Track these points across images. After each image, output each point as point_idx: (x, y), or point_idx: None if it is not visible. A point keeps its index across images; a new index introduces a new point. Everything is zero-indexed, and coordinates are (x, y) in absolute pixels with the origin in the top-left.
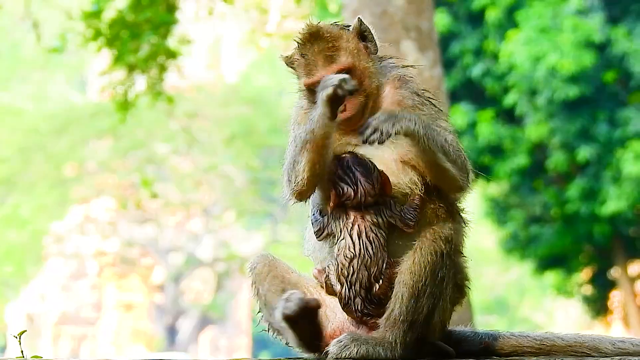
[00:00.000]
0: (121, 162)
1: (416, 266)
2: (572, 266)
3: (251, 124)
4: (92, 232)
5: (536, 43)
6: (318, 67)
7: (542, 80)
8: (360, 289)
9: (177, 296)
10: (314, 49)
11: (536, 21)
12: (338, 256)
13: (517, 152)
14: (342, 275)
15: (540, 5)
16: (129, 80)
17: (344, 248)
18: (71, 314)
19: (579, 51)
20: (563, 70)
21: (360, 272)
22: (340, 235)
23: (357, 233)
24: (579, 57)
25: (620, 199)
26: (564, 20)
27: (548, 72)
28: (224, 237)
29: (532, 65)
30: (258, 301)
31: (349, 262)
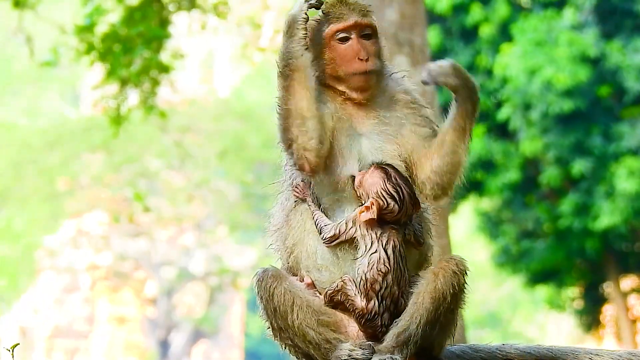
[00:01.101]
0: (114, 176)
1: (438, 293)
2: (564, 280)
3: (244, 138)
4: (84, 245)
5: (532, 56)
6: (354, 13)
7: (537, 93)
8: (390, 303)
9: (170, 310)
10: (349, 4)
11: (532, 34)
12: (369, 270)
13: (509, 167)
14: (372, 290)
15: (536, 18)
16: (122, 94)
17: (376, 262)
18: (64, 327)
19: (574, 65)
20: (558, 84)
21: (392, 287)
22: (371, 248)
23: (392, 248)
24: (574, 71)
25: (613, 214)
26: (560, 35)
27: (543, 85)
28: (216, 251)
29: (527, 78)
30: (280, 321)
31: (382, 277)
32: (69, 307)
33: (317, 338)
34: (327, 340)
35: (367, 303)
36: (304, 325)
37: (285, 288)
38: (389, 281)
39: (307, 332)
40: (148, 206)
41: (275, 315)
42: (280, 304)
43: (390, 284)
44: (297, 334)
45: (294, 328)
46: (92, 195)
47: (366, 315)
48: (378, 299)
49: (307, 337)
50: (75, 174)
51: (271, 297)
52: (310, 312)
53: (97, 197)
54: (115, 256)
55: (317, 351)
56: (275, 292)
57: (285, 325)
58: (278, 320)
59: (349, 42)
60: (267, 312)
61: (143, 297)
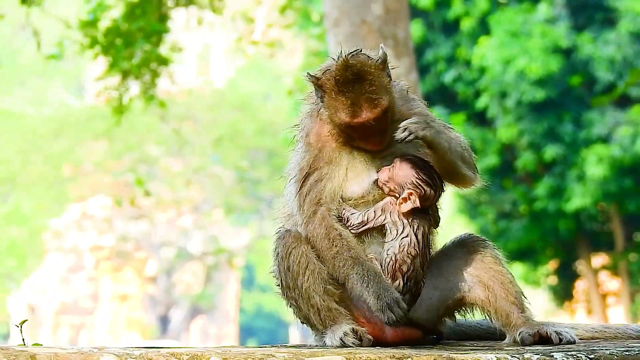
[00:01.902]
0: (116, 163)
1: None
2: (539, 259)
3: (238, 126)
4: (88, 228)
5: (507, 47)
6: (363, 109)
7: (512, 82)
8: (413, 285)
9: (169, 288)
10: (357, 89)
11: (507, 26)
12: (400, 252)
13: (488, 152)
14: (399, 270)
15: (512, 11)
16: (123, 85)
17: (407, 245)
18: (69, 305)
19: (546, 56)
20: (531, 74)
21: (418, 270)
22: (403, 232)
23: (422, 233)
24: (546, 62)
25: (584, 196)
26: (534, 27)
27: (517, 75)
28: (212, 233)
29: (503, 68)
30: (290, 280)
31: (411, 260)
32: (74, 286)
33: (320, 304)
34: (329, 308)
35: (393, 282)
36: (311, 289)
37: (303, 251)
38: (416, 264)
39: (312, 296)
40: (148, 191)
41: (287, 274)
42: (295, 263)
43: (417, 267)
44: (302, 295)
45: (301, 289)
46: (95, 181)
47: None
48: (403, 280)
49: (311, 301)
50: (79, 161)
51: (287, 256)
52: (320, 279)
53: (100, 182)
54: (117, 237)
55: (316, 316)
56: (293, 252)
57: (294, 284)
58: (288, 279)
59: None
60: (279, 269)
61: (144, 276)
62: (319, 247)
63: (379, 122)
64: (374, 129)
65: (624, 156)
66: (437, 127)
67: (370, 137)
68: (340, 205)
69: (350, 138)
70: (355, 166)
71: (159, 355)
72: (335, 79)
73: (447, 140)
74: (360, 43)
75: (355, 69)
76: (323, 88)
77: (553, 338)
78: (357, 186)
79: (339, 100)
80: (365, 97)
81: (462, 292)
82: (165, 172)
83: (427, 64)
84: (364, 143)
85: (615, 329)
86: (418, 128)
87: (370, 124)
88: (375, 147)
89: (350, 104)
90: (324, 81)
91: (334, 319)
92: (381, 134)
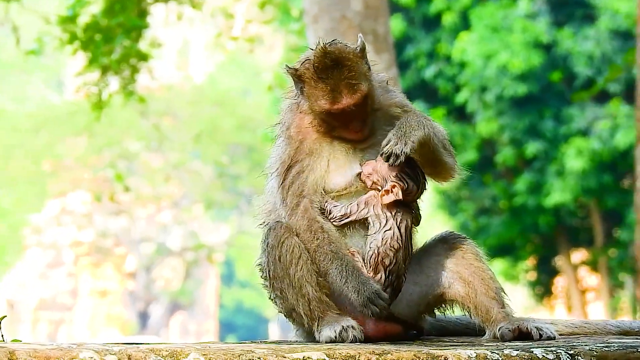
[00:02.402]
0: (96, 158)
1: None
2: (518, 254)
3: (218, 122)
4: (68, 223)
5: (488, 42)
6: (343, 94)
7: (493, 77)
8: (395, 279)
9: (149, 283)
10: (336, 75)
11: (488, 20)
12: (383, 245)
13: (467, 147)
14: (381, 264)
15: (492, 6)
16: (103, 81)
17: (389, 239)
18: (49, 300)
19: (528, 51)
20: (513, 69)
21: (400, 263)
22: (386, 225)
23: (404, 226)
24: (528, 57)
25: (563, 191)
26: (514, 22)
27: (499, 69)
28: (192, 228)
29: (484, 62)
30: (279, 270)
31: (394, 253)
32: (53, 281)
33: (312, 294)
34: (320, 299)
35: (375, 275)
36: (304, 279)
37: (295, 241)
38: (398, 258)
39: (304, 286)
40: (128, 186)
41: (277, 264)
42: (288, 253)
43: (399, 260)
44: (293, 285)
45: (292, 279)
46: (75, 176)
47: None
48: (385, 273)
49: (302, 291)
50: (59, 156)
51: (279, 246)
52: (314, 270)
53: (80, 178)
54: (97, 233)
55: (306, 307)
56: (285, 242)
57: (284, 274)
58: (277, 269)
59: (341, 116)
60: (268, 259)
61: (123, 272)
62: (301, 239)
63: (359, 109)
64: (355, 116)
65: (603, 149)
66: (415, 125)
67: (351, 125)
68: (322, 197)
69: (331, 127)
70: (336, 157)
71: (139, 351)
72: (314, 67)
73: (430, 126)
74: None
75: (334, 55)
76: (302, 78)
77: (533, 334)
78: (339, 178)
79: (319, 88)
80: (344, 82)
81: (443, 288)
82: (145, 167)
83: (407, 59)
84: (345, 132)
85: (594, 325)
86: (401, 147)
87: (350, 110)
88: (356, 136)
89: (330, 90)
90: (302, 71)
91: (324, 311)
92: (362, 122)
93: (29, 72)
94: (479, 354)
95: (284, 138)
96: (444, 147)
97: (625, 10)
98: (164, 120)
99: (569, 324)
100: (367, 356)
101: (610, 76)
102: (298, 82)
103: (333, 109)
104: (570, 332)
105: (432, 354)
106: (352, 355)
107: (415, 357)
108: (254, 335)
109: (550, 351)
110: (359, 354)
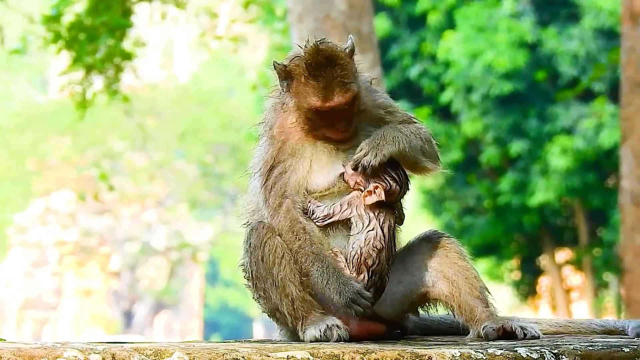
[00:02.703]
0: (80, 157)
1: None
2: (503, 253)
3: (202, 121)
4: (52, 222)
5: (473, 41)
6: (335, 93)
7: (479, 76)
8: (378, 279)
9: (133, 283)
10: (329, 73)
11: (473, 20)
12: (365, 246)
13: (452, 147)
14: (364, 264)
15: (477, 6)
16: (87, 80)
17: (372, 239)
18: (33, 300)
19: (513, 50)
20: (499, 68)
21: (383, 264)
22: (369, 225)
23: (387, 226)
24: (513, 56)
25: (548, 191)
26: (499, 22)
27: (484, 69)
28: (176, 228)
29: (469, 62)
30: (262, 270)
31: (377, 253)
32: (38, 281)
33: (295, 294)
34: (304, 299)
35: (358, 275)
36: (287, 278)
37: (278, 241)
38: (381, 258)
39: (287, 285)
40: (112, 185)
41: (260, 264)
42: (270, 253)
43: (382, 261)
44: (276, 285)
45: (276, 279)
46: (59, 175)
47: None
48: (368, 274)
49: (286, 290)
50: (43, 155)
51: (262, 246)
52: (297, 270)
53: (65, 177)
54: (81, 232)
55: (289, 306)
56: (267, 242)
57: (267, 274)
58: (260, 269)
59: (329, 114)
60: (251, 260)
61: (108, 271)
62: (283, 239)
63: (348, 109)
64: (342, 115)
65: (587, 148)
66: (390, 139)
67: (337, 124)
68: (305, 197)
69: (317, 126)
70: (319, 158)
71: (123, 350)
72: (306, 63)
73: (405, 141)
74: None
75: (327, 53)
76: (292, 74)
77: (517, 333)
78: (321, 178)
79: (310, 85)
80: (337, 81)
81: (426, 287)
82: (129, 166)
83: (392, 58)
84: (331, 131)
85: (579, 324)
86: (369, 159)
87: (340, 109)
88: (341, 136)
89: (322, 88)
90: (292, 67)
91: (308, 310)
92: (348, 122)
93: (13, 71)
94: (463, 353)
95: (266, 138)
96: (424, 153)
97: (609, 8)
98: (148, 120)
99: (554, 323)
100: (351, 355)
101: (594, 75)
102: (286, 79)
103: (324, 107)
104: (555, 331)
105: (416, 353)
106: (336, 354)
107: (400, 356)
108: (238, 334)
109: (534, 350)
110: (343, 353)
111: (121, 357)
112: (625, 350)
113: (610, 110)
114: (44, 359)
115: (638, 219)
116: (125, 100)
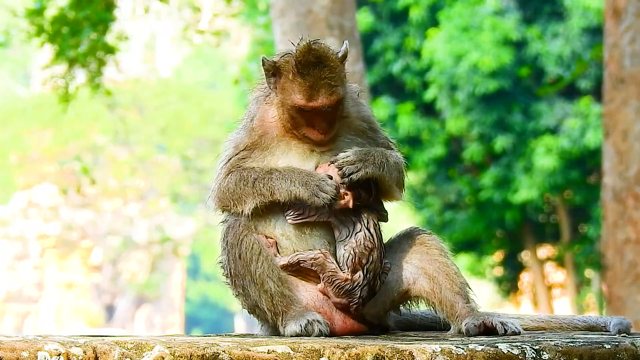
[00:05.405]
0: (62, 151)
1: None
2: (484, 249)
3: (184, 115)
4: (34, 216)
5: (458, 41)
6: (320, 93)
7: (464, 76)
8: (372, 277)
9: (115, 276)
10: (317, 73)
11: (457, 20)
12: (358, 247)
13: (434, 143)
14: (359, 263)
15: (460, 5)
16: (70, 74)
17: (362, 240)
18: (15, 293)
19: (498, 49)
20: (484, 67)
21: (376, 262)
22: (356, 228)
23: (373, 227)
24: (498, 55)
25: (531, 187)
26: (483, 20)
27: (470, 68)
28: (158, 222)
29: (454, 62)
30: (240, 268)
31: (369, 252)
32: (20, 274)
33: (274, 289)
34: (283, 294)
35: (353, 274)
36: (265, 274)
37: (255, 238)
38: (374, 257)
39: (266, 282)
40: (94, 179)
41: (237, 262)
42: (247, 250)
43: (375, 259)
44: (255, 282)
45: (254, 276)
46: (41, 169)
47: (347, 286)
48: (364, 272)
49: (265, 287)
50: (26, 149)
51: (239, 244)
52: (275, 265)
53: (47, 171)
54: (63, 226)
55: (269, 302)
56: (244, 240)
57: (245, 271)
58: (239, 267)
59: (312, 114)
60: (229, 257)
61: (89, 265)
62: (236, 194)
63: (331, 112)
64: (324, 117)
65: (572, 148)
66: (378, 162)
67: (318, 126)
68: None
69: (297, 125)
70: (291, 157)
71: (104, 344)
72: (296, 60)
73: (387, 170)
74: (306, 33)
75: (318, 53)
76: (280, 70)
77: (498, 329)
78: None
79: (297, 82)
80: (324, 82)
81: (408, 284)
82: (111, 160)
83: (375, 53)
84: (310, 131)
85: (561, 320)
86: (352, 169)
87: (323, 111)
88: (320, 137)
89: (309, 87)
90: (282, 63)
91: (287, 305)
92: (329, 125)
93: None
94: (444, 349)
95: (245, 127)
96: (397, 184)
97: (596, 7)
98: (130, 114)
99: (536, 319)
100: (332, 350)
101: (576, 71)
102: (274, 75)
103: (307, 106)
104: (536, 327)
105: (397, 349)
106: (316, 349)
107: (380, 351)
108: (219, 328)
109: (515, 346)
110: (324, 348)
111: (102, 350)
112: (606, 346)
113: (596, 110)
114: (25, 352)
115: (620, 215)
116: (107, 94)
